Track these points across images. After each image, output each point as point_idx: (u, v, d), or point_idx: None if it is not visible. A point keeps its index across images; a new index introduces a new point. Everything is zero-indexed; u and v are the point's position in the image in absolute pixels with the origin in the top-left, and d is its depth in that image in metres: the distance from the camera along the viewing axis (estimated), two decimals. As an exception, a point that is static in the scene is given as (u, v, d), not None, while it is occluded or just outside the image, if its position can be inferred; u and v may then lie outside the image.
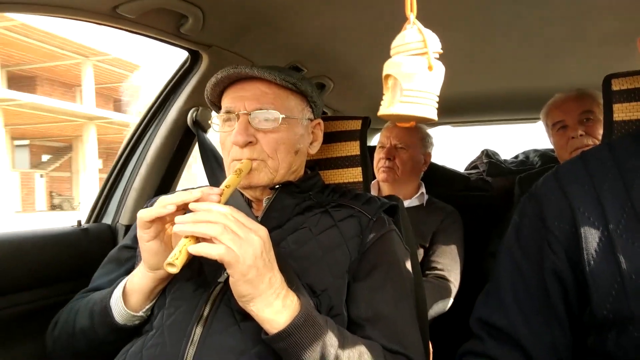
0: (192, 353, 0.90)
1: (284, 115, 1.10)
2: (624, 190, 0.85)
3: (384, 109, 0.66)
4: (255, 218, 1.12)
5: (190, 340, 0.92)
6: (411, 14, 0.65)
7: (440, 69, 0.65)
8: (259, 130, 1.09)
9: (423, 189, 2.25)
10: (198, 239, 0.83)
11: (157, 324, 0.99)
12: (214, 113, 1.22)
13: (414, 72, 0.64)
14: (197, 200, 0.88)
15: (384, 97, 0.67)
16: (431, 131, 2.36)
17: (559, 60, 2.03)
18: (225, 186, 0.96)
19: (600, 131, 1.80)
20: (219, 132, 1.15)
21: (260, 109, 1.09)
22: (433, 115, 0.65)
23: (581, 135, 1.84)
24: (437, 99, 0.66)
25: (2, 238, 1.34)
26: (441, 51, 0.66)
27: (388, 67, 0.66)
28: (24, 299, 1.36)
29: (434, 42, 0.65)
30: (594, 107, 1.86)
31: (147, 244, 0.93)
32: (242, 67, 1.08)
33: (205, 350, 0.90)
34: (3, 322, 1.30)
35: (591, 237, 0.83)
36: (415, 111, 0.64)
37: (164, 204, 0.89)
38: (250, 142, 1.08)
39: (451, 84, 2.56)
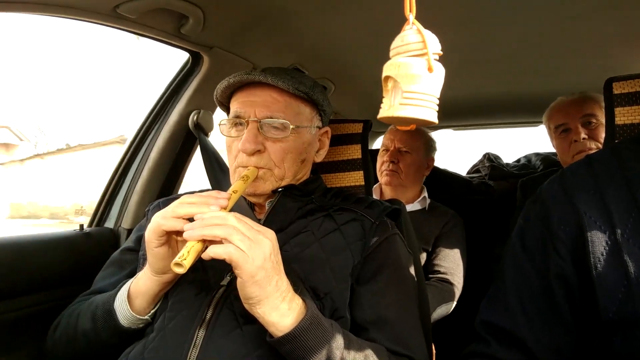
0: (195, 356, 0.90)
1: (293, 126, 1.09)
2: (629, 194, 0.84)
3: (384, 112, 0.65)
4: (258, 221, 1.11)
5: (192, 344, 0.91)
6: (410, 14, 0.64)
7: (440, 71, 0.64)
8: (267, 139, 1.09)
9: (425, 193, 2.24)
10: (206, 243, 0.83)
11: (158, 327, 0.98)
12: (220, 115, 1.21)
13: (414, 74, 0.62)
14: None
15: (383, 100, 0.66)
16: (432, 135, 2.35)
17: (560, 63, 2.04)
18: (233, 191, 0.96)
19: (603, 135, 1.80)
20: (226, 136, 1.14)
21: (271, 117, 1.08)
22: (434, 118, 0.64)
23: (584, 138, 1.84)
24: (438, 102, 0.65)
25: (4, 242, 1.34)
26: (441, 52, 0.65)
27: (387, 69, 0.64)
28: (26, 303, 1.36)
29: (434, 43, 0.64)
30: (596, 111, 1.86)
31: (155, 250, 0.92)
32: (255, 74, 1.07)
33: (208, 354, 0.90)
34: (5, 326, 1.30)
35: (597, 241, 0.83)
36: (416, 114, 0.62)
37: (181, 214, 0.88)
38: (258, 151, 1.07)
39: (452, 87, 2.56)
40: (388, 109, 0.64)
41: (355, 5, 1.46)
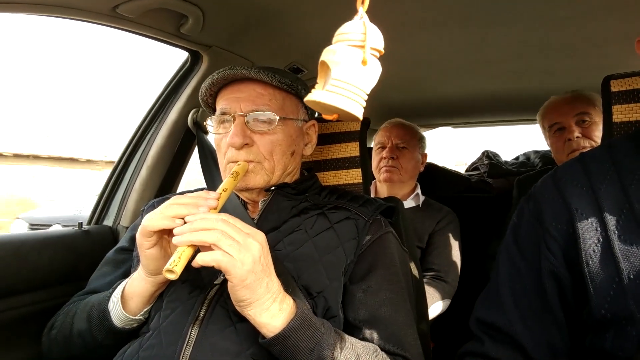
0: (188, 354, 0.90)
1: (279, 117, 1.10)
2: (622, 191, 0.85)
3: (310, 96, 0.63)
4: (252, 220, 1.12)
5: (186, 341, 0.92)
6: (361, 6, 0.63)
7: (375, 68, 0.63)
8: (255, 132, 1.10)
9: (419, 190, 2.24)
10: (196, 247, 0.83)
11: (153, 326, 0.99)
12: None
13: (345, 62, 0.61)
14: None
15: (316, 85, 0.65)
16: (432, 132, 2.36)
17: (559, 61, 2.03)
18: (222, 190, 0.96)
19: (597, 133, 1.81)
20: (214, 134, 1.15)
21: (257, 111, 1.09)
22: (358, 112, 0.62)
23: (577, 137, 1.85)
24: (366, 98, 0.63)
25: (3, 240, 1.35)
26: (382, 51, 0.64)
27: (324, 54, 0.63)
28: (25, 302, 1.37)
29: (375, 38, 0.63)
30: (589, 109, 1.87)
31: (147, 251, 0.93)
32: (238, 68, 1.08)
33: (201, 351, 0.90)
34: (5, 324, 1.31)
35: (589, 238, 0.83)
36: (339, 103, 0.61)
37: (169, 214, 0.88)
38: (247, 144, 1.08)
39: (451, 85, 2.55)
40: (314, 93, 0.63)
41: (353, 4, 1.46)
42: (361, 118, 0.62)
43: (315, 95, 0.62)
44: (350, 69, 0.61)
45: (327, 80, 0.62)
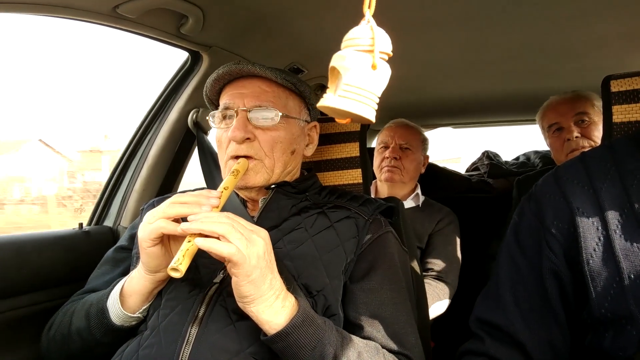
0: (188, 353, 0.90)
1: (282, 114, 1.10)
2: (623, 191, 0.85)
3: (322, 101, 0.64)
4: (251, 219, 1.12)
5: (185, 340, 0.92)
6: (367, 10, 0.64)
7: (385, 71, 0.64)
8: (257, 128, 1.10)
9: (419, 190, 2.24)
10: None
11: (152, 325, 0.99)
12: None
13: (356, 67, 0.62)
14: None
15: (327, 90, 0.66)
16: (432, 132, 2.36)
17: (558, 63, 2.04)
18: (224, 188, 0.96)
19: (596, 133, 1.81)
20: (216, 129, 1.15)
21: (260, 107, 1.09)
22: (370, 116, 0.63)
23: (577, 137, 1.85)
24: (377, 101, 0.64)
25: (4, 241, 1.35)
26: (391, 54, 0.64)
27: (334, 60, 0.64)
28: (26, 302, 1.37)
29: (383, 42, 0.63)
30: (588, 109, 1.87)
31: (149, 249, 0.92)
32: (244, 64, 1.09)
33: (201, 350, 0.90)
34: (5, 324, 1.31)
35: (590, 237, 0.84)
36: (352, 108, 0.62)
37: (171, 214, 0.88)
38: (248, 139, 1.09)
39: (451, 85, 2.55)
40: (326, 99, 0.64)
41: (354, 5, 1.46)
42: (374, 121, 0.63)
43: (327, 101, 0.63)
44: (361, 74, 0.62)
45: (339, 86, 0.63)
